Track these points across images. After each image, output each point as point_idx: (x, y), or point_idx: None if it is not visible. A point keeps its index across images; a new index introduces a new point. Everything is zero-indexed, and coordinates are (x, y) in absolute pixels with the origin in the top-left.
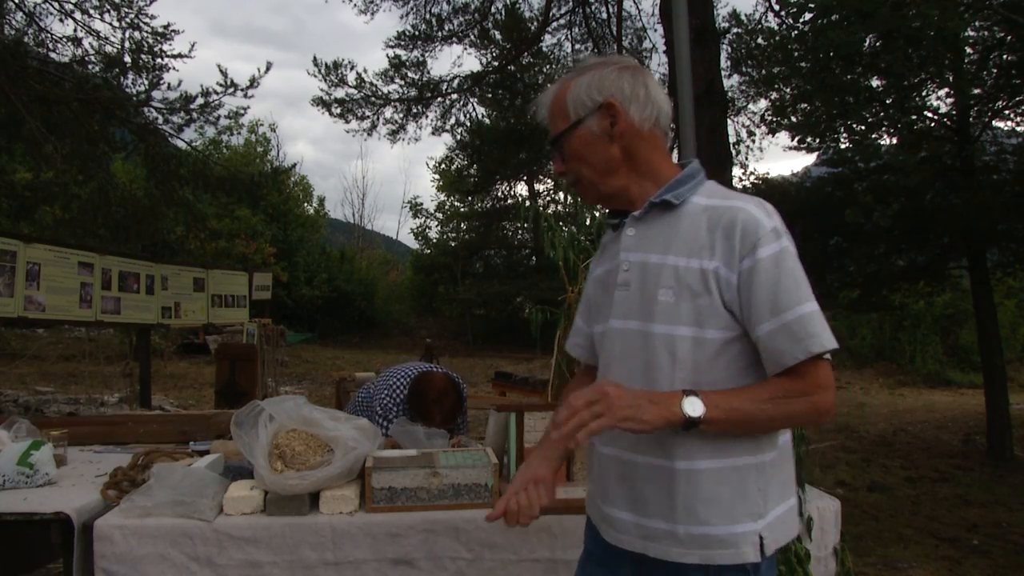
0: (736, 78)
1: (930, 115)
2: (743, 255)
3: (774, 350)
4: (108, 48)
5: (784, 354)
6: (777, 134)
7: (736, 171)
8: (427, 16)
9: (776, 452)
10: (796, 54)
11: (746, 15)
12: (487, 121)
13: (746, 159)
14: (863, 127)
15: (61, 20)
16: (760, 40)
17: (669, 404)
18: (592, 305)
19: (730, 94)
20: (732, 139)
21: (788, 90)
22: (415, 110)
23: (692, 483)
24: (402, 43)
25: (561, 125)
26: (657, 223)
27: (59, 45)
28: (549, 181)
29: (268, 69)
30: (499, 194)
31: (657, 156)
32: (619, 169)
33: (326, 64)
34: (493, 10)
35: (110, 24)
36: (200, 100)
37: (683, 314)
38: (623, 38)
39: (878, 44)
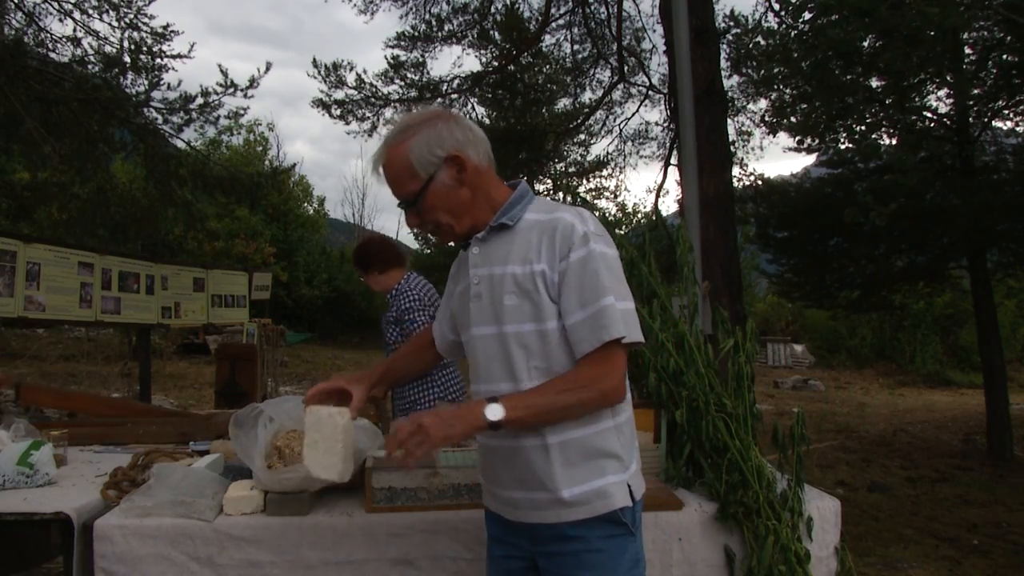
0: (736, 78)
1: (930, 115)
2: (561, 257)
3: (576, 339)
4: (107, 48)
5: (583, 342)
6: (777, 134)
7: (736, 171)
8: (427, 16)
9: (627, 414)
10: (795, 54)
11: (746, 15)
12: (487, 121)
13: (746, 159)
14: (863, 127)
15: (60, 20)
16: (760, 40)
17: (475, 415)
18: (456, 316)
19: (730, 94)
20: (732, 139)
21: (788, 90)
22: (415, 111)
23: (565, 452)
24: (402, 44)
25: (413, 186)
26: (496, 241)
27: (58, 45)
28: (549, 181)
29: (268, 69)
30: None
31: (492, 185)
32: (470, 208)
33: (325, 65)
34: (493, 10)
35: (109, 24)
36: (200, 100)
37: (526, 313)
38: (623, 38)
39: (878, 44)
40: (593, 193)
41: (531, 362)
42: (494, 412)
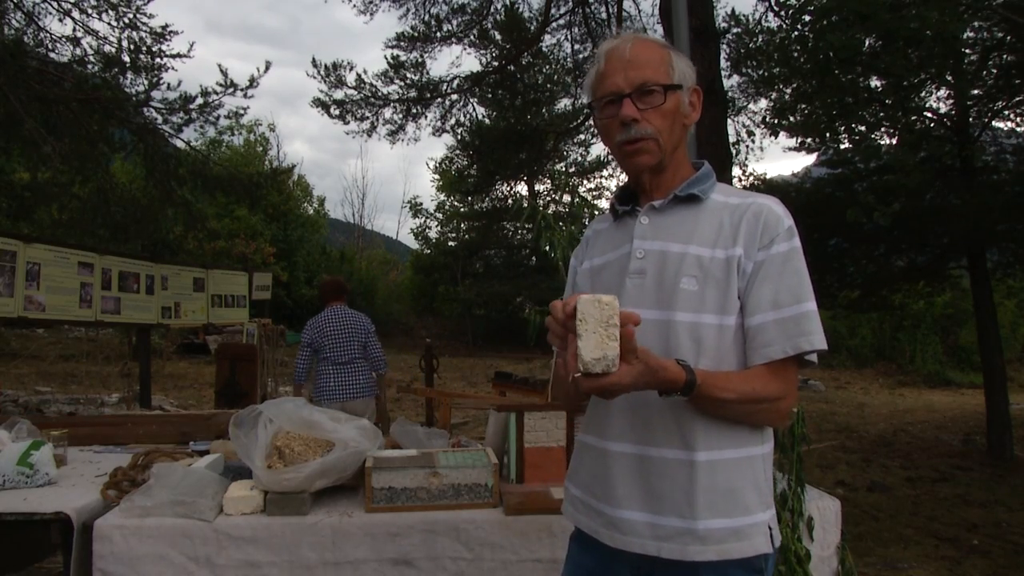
0: (736, 78)
1: (930, 115)
2: (760, 247)
3: (764, 341)
4: (107, 48)
5: (771, 346)
6: (778, 135)
7: (735, 171)
8: (426, 17)
9: (770, 445)
10: (795, 55)
11: (745, 15)
12: (487, 121)
13: (746, 159)
14: (863, 127)
15: (60, 20)
16: (760, 41)
17: (673, 373)
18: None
19: (730, 94)
20: (732, 139)
21: (788, 90)
22: (415, 111)
23: (712, 475)
24: (401, 44)
25: (663, 76)
26: (675, 214)
27: (58, 45)
28: (549, 181)
29: (267, 69)
30: (499, 194)
31: (686, 155)
32: (677, 149)
33: (325, 65)
34: (492, 10)
35: (108, 24)
36: (200, 100)
37: (708, 302)
38: None
39: (878, 45)
40: (593, 193)
41: (701, 360)
42: (690, 372)
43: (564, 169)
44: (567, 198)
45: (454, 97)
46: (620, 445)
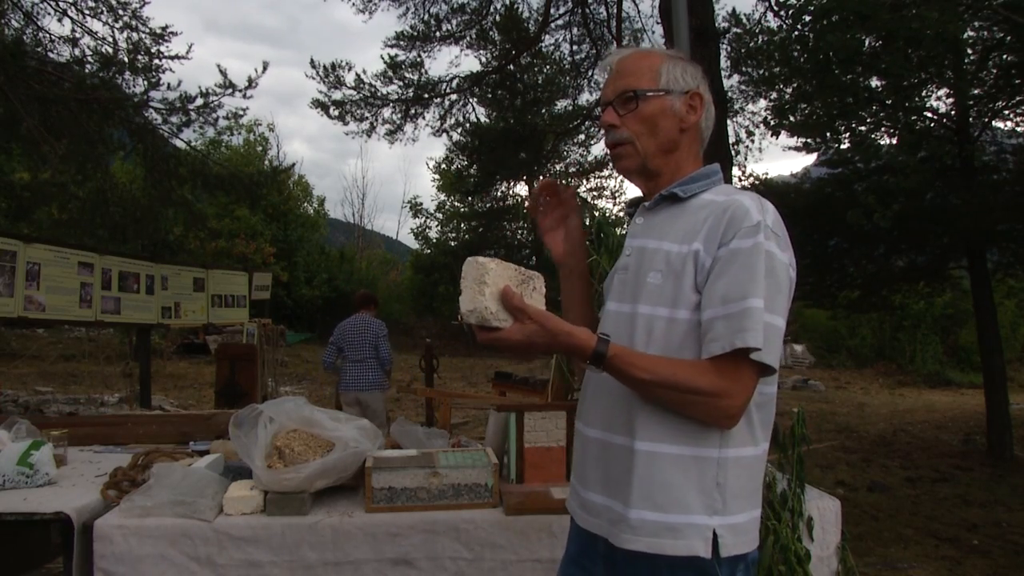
0: (736, 78)
1: (930, 115)
2: (722, 243)
3: (710, 337)
4: (105, 48)
5: (714, 342)
6: (778, 135)
7: (735, 171)
8: (425, 16)
9: (741, 452)
10: (795, 55)
11: (745, 15)
12: (487, 121)
13: (745, 159)
14: (863, 127)
15: (59, 20)
16: (760, 41)
17: (582, 341)
18: (601, 294)
19: (730, 94)
20: (732, 139)
21: (788, 91)
22: (413, 111)
23: (649, 466)
24: (400, 43)
25: (644, 83)
26: (662, 213)
27: (57, 45)
28: None
29: (265, 69)
30: (499, 194)
31: (692, 157)
32: (671, 154)
33: (324, 65)
34: (491, 10)
35: (107, 24)
36: (199, 100)
37: (665, 295)
38: (622, 38)
39: (878, 45)
40: (593, 193)
41: (648, 350)
42: (602, 344)
43: (564, 169)
44: None
45: (453, 97)
46: (593, 430)
